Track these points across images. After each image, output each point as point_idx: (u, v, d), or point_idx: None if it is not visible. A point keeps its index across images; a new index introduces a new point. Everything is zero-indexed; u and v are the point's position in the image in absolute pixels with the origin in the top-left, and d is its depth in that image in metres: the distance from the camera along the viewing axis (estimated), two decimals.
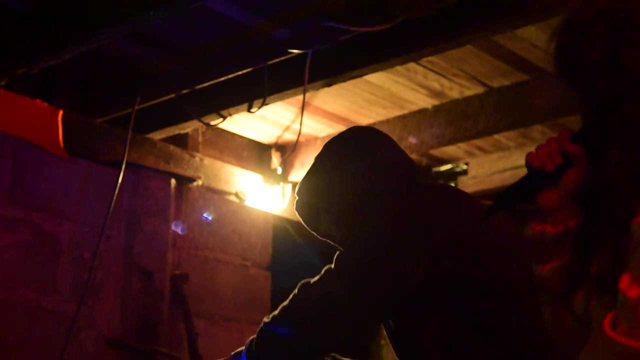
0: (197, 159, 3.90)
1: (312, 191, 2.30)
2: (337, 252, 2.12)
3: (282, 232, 4.31)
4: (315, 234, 2.36)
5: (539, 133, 4.14)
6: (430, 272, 1.98)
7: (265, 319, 2.17)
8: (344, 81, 3.39)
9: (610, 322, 1.12)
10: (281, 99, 3.48)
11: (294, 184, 4.23)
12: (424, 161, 4.56)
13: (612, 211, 1.24)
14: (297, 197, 2.34)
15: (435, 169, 4.63)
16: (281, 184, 4.29)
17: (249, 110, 3.47)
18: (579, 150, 1.34)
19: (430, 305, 2.02)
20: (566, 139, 1.36)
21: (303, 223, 2.36)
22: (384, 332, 2.15)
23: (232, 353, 2.30)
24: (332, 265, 2.09)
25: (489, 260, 2.02)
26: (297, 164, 4.29)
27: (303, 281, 2.13)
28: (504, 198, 1.45)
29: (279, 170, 4.31)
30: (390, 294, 2.03)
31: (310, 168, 2.33)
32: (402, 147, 3.90)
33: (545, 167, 1.37)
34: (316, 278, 2.11)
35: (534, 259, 1.39)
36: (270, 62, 3.19)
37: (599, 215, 1.29)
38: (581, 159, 1.34)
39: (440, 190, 2.32)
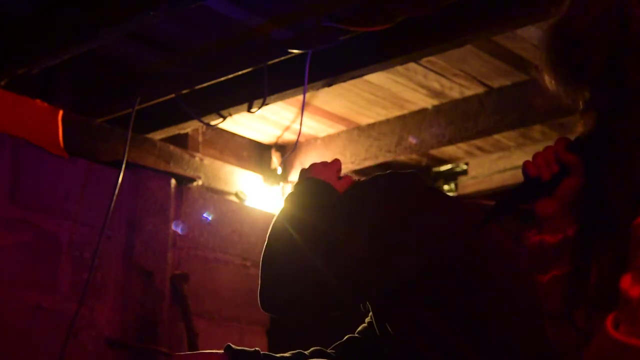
0: (197, 159, 3.90)
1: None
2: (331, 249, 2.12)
3: None
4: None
5: (539, 133, 4.14)
6: (422, 267, 1.99)
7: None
8: (344, 81, 3.39)
9: (612, 322, 1.11)
10: (281, 99, 3.48)
11: (294, 184, 4.24)
12: (424, 161, 4.56)
13: (611, 221, 1.23)
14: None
15: (435, 169, 4.63)
16: (281, 184, 4.29)
17: (249, 110, 3.47)
18: (576, 159, 1.34)
19: (423, 301, 2.02)
20: (562, 147, 1.36)
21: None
22: None
23: None
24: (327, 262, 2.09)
25: (484, 259, 2.02)
26: (297, 164, 4.29)
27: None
28: (501, 206, 1.45)
29: (279, 170, 4.31)
30: (382, 286, 2.04)
31: None
32: (402, 147, 3.96)
33: (542, 175, 1.36)
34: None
35: (534, 269, 1.38)
36: (270, 62, 3.19)
37: (597, 224, 1.28)
38: (578, 168, 1.34)
39: (434, 191, 2.32)
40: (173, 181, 3.76)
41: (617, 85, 1.26)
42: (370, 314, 2.20)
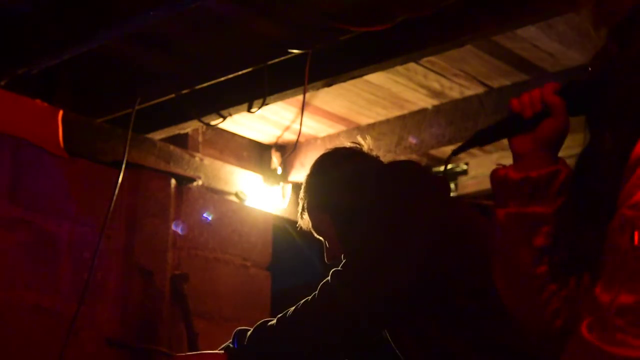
0: (197, 159, 3.90)
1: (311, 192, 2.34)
2: (333, 269, 2.11)
3: (282, 232, 4.31)
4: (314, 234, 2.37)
5: None
6: (422, 270, 1.99)
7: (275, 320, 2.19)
8: (344, 81, 3.39)
9: (587, 326, 1.13)
10: (281, 99, 3.48)
11: (294, 184, 4.24)
12: (424, 161, 4.56)
13: (597, 192, 1.24)
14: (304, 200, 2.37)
15: (435, 169, 4.63)
16: (281, 184, 4.29)
17: (249, 110, 3.47)
18: (560, 102, 1.36)
19: (416, 305, 2.02)
20: (550, 90, 1.37)
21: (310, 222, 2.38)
22: None
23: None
24: (329, 279, 2.09)
25: (478, 260, 2.02)
26: (297, 164, 4.29)
27: (322, 286, 2.12)
28: (479, 136, 1.47)
29: (279, 170, 4.31)
30: (390, 293, 2.03)
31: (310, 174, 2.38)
32: (402, 147, 3.96)
33: (524, 112, 1.38)
34: (316, 293, 2.10)
35: (494, 201, 1.40)
36: (270, 62, 3.19)
37: (584, 193, 1.29)
38: (560, 111, 1.36)
39: (431, 191, 2.31)
40: (173, 181, 3.75)
41: (628, 44, 1.27)
42: None
